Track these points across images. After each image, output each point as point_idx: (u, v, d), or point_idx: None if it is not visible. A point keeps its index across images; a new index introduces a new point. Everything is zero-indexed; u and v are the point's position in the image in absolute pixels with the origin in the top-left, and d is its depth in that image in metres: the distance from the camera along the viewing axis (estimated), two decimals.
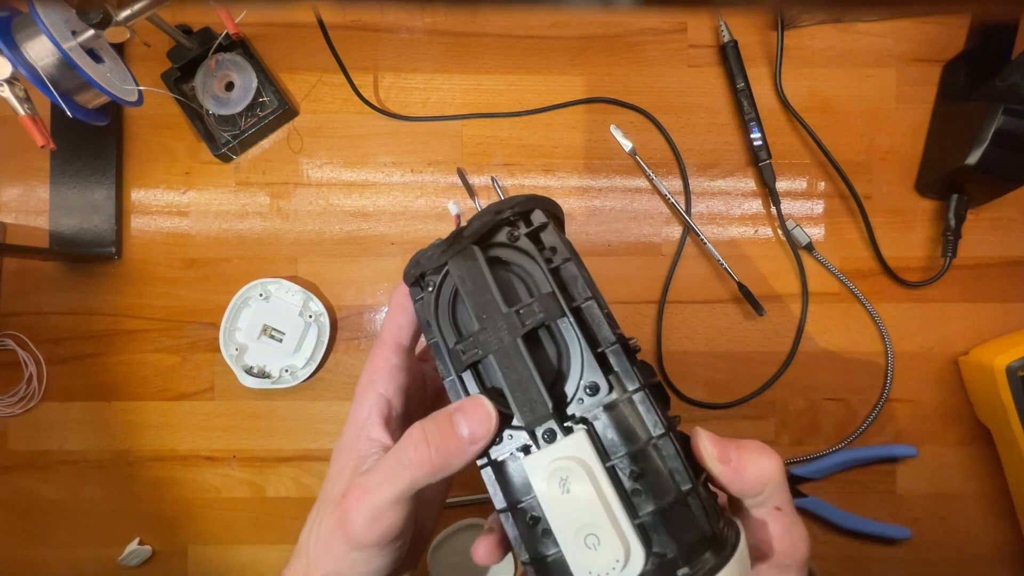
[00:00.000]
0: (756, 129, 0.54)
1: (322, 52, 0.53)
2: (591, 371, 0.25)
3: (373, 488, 0.26)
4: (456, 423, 0.26)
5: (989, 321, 0.55)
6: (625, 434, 0.25)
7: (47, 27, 0.38)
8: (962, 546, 0.55)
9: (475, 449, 0.26)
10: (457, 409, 0.26)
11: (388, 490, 0.26)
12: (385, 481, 0.26)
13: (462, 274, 0.27)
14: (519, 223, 0.28)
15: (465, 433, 0.26)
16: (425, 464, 0.26)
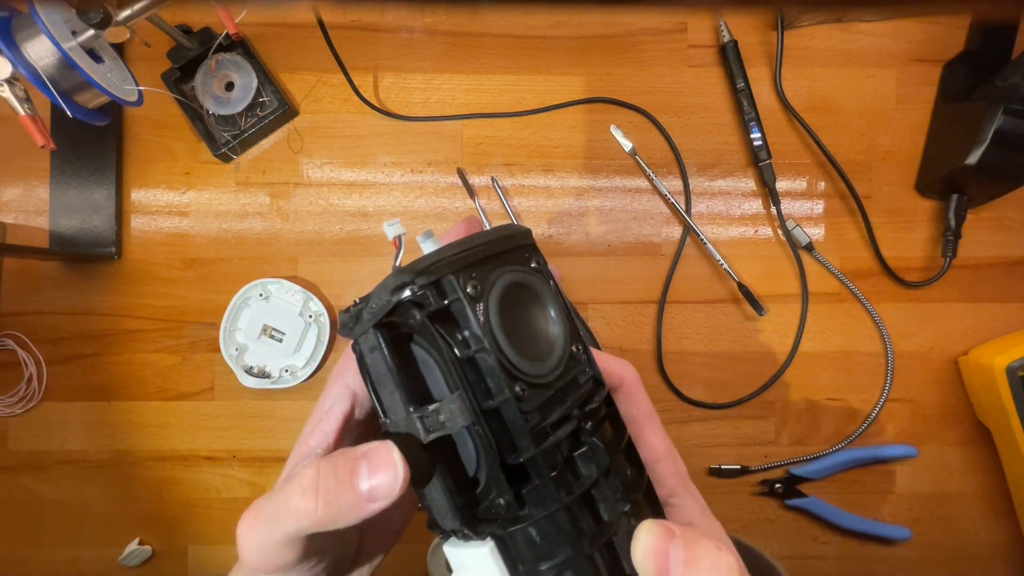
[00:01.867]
0: (756, 129, 0.54)
1: (322, 52, 0.53)
2: (498, 487, 0.22)
3: (263, 521, 0.23)
4: (357, 474, 0.21)
5: (989, 321, 0.55)
6: (539, 553, 0.22)
7: (47, 27, 0.38)
8: (962, 546, 0.55)
9: (374, 508, 0.21)
10: (363, 455, 0.22)
11: (275, 529, 0.22)
12: (272, 519, 0.22)
13: (369, 360, 0.24)
14: (428, 297, 0.22)
15: (365, 488, 0.21)
16: (310, 515, 0.21)
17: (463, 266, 0.23)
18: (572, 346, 0.25)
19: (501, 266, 0.24)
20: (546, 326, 0.25)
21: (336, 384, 0.27)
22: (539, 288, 0.25)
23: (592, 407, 0.24)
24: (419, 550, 0.53)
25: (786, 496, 0.54)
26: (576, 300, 0.55)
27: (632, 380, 0.29)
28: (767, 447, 0.55)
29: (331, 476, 0.22)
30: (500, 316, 0.23)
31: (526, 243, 0.26)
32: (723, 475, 0.55)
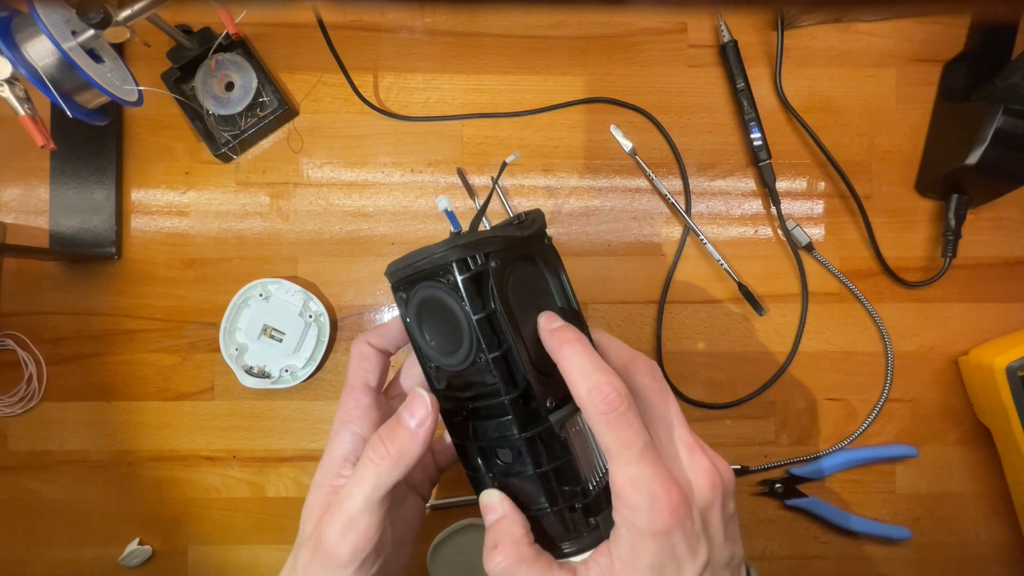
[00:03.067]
0: (756, 129, 0.54)
1: (322, 52, 0.53)
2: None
3: (343, 499, 0.29)
4: (403, 418, 0.30)
5: (989, 321, 0.55)
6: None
7: (47, 27, 0.38)
8: (962, 546, 0.55)
9: (423, 431, 0.29)
10: (403, 407, 0.30)
11: (357, 495, 0.28)
12: (354, 487, 0.29)
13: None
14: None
15: (412, 424, 0.29)
16: (385, 458, 0.29)
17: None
18: (477, 355, 0.30)
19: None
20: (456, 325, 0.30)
21: (344, 434, 0.32)
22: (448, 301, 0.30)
23: (486, 404, 0.30)
24: (419, 550, 0.53)
25: (786, 496, 0.54)
26: None
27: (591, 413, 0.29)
28: (767, 447, 0.55)
29: (387, 428, 0.30)
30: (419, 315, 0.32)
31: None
32: None
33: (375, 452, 0.29)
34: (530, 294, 0.31)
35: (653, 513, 0.27)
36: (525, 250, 0.32)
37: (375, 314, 0.55)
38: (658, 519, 0.27)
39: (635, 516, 0.28)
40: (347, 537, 0.28)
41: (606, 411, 0.28)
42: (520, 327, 0.30)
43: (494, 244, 0.30)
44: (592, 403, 0.28)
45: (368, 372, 0.34)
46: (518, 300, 0.30)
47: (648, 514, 0.27)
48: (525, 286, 0.31)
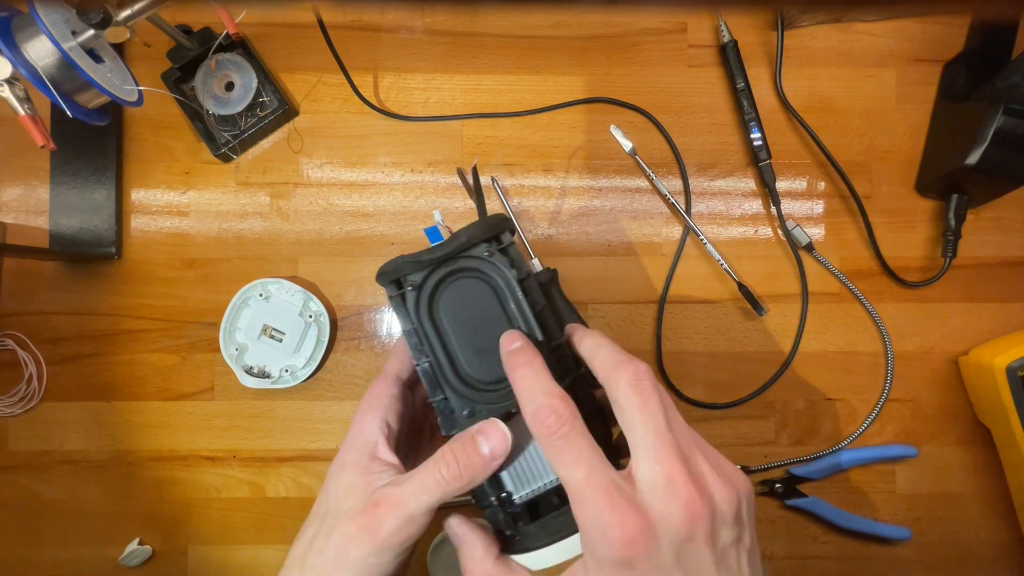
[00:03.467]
0: (756, 129, 0.54)
1: (322, 52, 0.53)
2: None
3: (409, 498, 0.30)
4: (479, 443, 0.30)
5: (989, 321, 0.55)
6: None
7: (47, 27, 0.38)
8: (962, 546, 0.55)
9: (495, 464, 0.31)
10: (478, 431, 0.31)
11: (424, 500, 0.30)
12: (421, 492, 0.30)
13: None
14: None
15: (486, 451, 0.30)
16: (456, 479, 0.30)
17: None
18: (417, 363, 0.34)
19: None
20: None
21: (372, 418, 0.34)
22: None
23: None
24: (419, 550, 0.53)
25: (786, 496, 0.54)
26: (576, 300, 0.55)
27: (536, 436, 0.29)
28: (767, 447, 0.55)
29: (462, 450, 0.30)
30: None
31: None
32: None
33: (447, 469, 0.30)
34: (471, 310, 0.34)
35: (605, 544, 0.26)
36: (453, 267, 0.34)
37: (375, 314, 0.55)
38: (612, 550, 0.26)
39: (591, 544, 0.27)
40: (403, 530, 0.30)
41: (547, 434, 0.28)
42: (449, 340, 0.33)
43: (408, 269, 0.34)
44: (533, 426, 0.29)
45: (404, 364, 0.37)
46: (454, 316, 0.34)
47: (601, 544, 0.26)
48: (465, 303, 0.34)
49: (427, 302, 0.34)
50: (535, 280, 0.34)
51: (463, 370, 0.33)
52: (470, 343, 0.33)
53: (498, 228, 0.35)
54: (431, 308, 0.34)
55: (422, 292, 0.34)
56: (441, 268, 0.34)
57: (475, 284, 0.34)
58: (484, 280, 0.34)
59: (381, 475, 0.32)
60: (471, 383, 0.33)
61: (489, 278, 0.34)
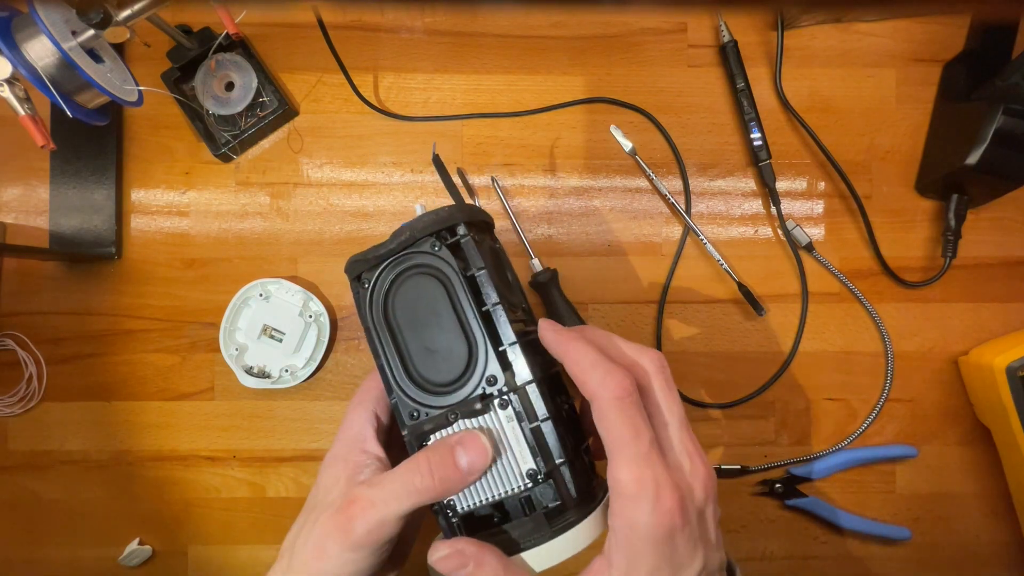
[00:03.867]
0: (756, 129, 0.54)
1: (322, 52, 0.53)
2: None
3: (380, 503, 0.30)
4: (457, 456, 0.30)
5: (989, 321, 0.55)
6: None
7: (47, 27, 0.38)
8: (962, 546, 0.55)
9: (472, 479, 0.30)
10: (458, 442, 0.30)
11: (394, 507, 0.30)
12: (392, 499, 0.30)
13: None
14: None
15: (464, 465, 0.30)
16: (429, 491, 0.30)
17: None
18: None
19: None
20: None
21: (361, 411, 0.34)
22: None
23: None
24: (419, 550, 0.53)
25: (786, 496, 0.54)
26: (576, 300, 0.55)
27: (603, 402, 0.29)
28: (767, 447, 0.55)
29: (439, 461, 0.30)
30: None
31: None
32: (723, 475, 0.55)
33: (420, 481, 0.30)
34: (423, 308, 0.33)
35: (657, 514, 0.27)
36: (406, 264, 0.33)
37: None
38: (662, 520, 0.27)
39: (637, 514, 0.27)
40: (375, 533, 0.30)
41: (621, 395, 0.28)
42: (400, 339, 0.33)
43: (359, 267, 0.34)
44: (605, 388, 0.29)
45: None
46: (406, 314, 0.33)
47: (651, 515, 0.27)
48: (417, 301, 0.33)
49: (381, 300, 0.33)
50: (488, 275, 0.32)
51: (414, 370, 0.32)
52: (422, 342, 0.32)
53: (449, 221, 0.34)
54: (385, 306, 0.33)
55: (375, 290, 0.33)
56: (391, 265, 0.33)
57: (427, 281, 0.33)
58: (436, 277, 0.33)
59: (365, 469, 0.33)
60: (421, 384, 0.32)
61: (440, 274, 0.33)
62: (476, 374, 0.31)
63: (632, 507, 0.27)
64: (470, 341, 0.32)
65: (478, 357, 0.31)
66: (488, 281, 0.32)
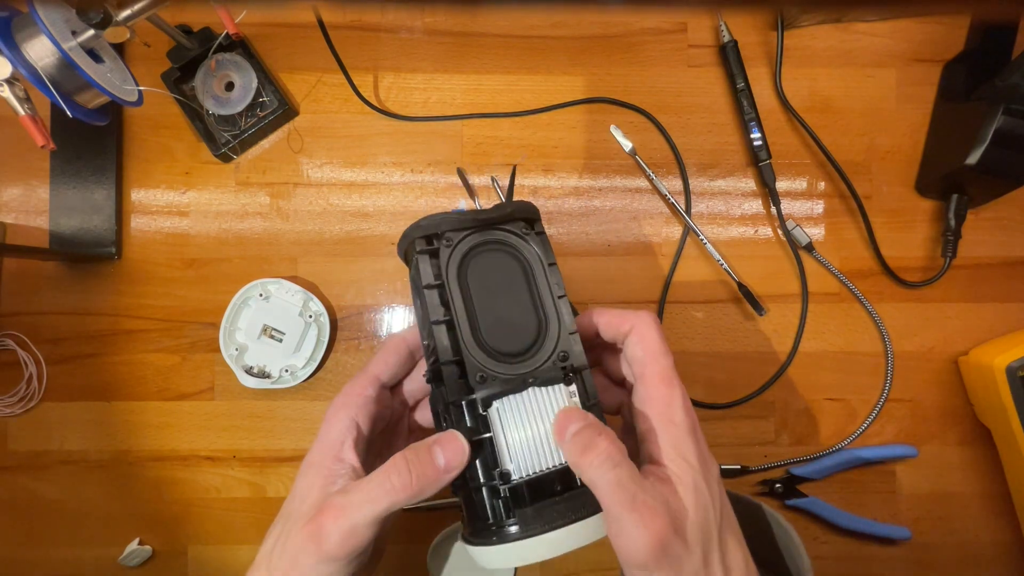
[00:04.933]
0: (756, 129, 0.54)
1: (322, 52, 0.53)
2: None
3: (353, 508, 0.29)
4: (434, 454, 0.30)
5: (989, 321, 0.55)
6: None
7: (47, 27, 0.38)
8: (962, 546, 0.55)
9: (449, 477, 0.30)
10: (435, 442, 0.30)
11: (368, 511, 0.29)
12: (366, 502, 0.29)
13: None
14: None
15: (441, 463, 0.30)
16: (406, 489, 0.29)
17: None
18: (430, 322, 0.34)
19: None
20: None
21: (341, 417, 0.33)
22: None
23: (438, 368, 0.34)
24: (419, 550, 0.53)
25: (786, 496, 0.54)
26: (576, 300, 0.55)
27: (642, 325, 0.33)
28: (767, 447, 0.55)
29: (416, 459, 0.30)
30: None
31: None
32: (723, 475, 0.55)
33: (398, 478, 0.29)
34: (499, 281, 0.34)
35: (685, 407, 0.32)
36: (489, 237, 0.35)
37: (375, 314, 0.55)
38: (689, 409, 0.32)
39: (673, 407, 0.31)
40: (348, 542, 0.29)
41: (654, 319, 0.34)
42: (472, 303, 0.33)
43: (449, 225, 0.34)
44: (640, 317, 0.34)
45: (387, 366, 0.36)
46: (481, 282, 0.34)
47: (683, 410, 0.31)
48: (493, 273, 0.34)
49: (458, 262, 0.34)
50: (558, 270, 0.35)
51: (482, 334, 0.33)
52: (493, 311, 0.33)
53: (534, 214, 0.37)
54: (460, 269, 0.34)
55: (455, 250, 0.34)
56: (480, 233, 0.34)
57: (506, 258, 0.35)
58: (515, 256, 0.35)
59: (339, 479, 0.32)
60: (487, 349, 0.32)
61: (520, 256, 0.35)
62: (546, 349, 0.33)
63: (668, 401, 0.31)
64: (540, 319, 0.33)
65: (547, 335, 0.33)
66: (560, 275, 0.35)
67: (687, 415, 0.31)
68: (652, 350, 0.32)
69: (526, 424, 0.31)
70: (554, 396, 0.32)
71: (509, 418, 0.31)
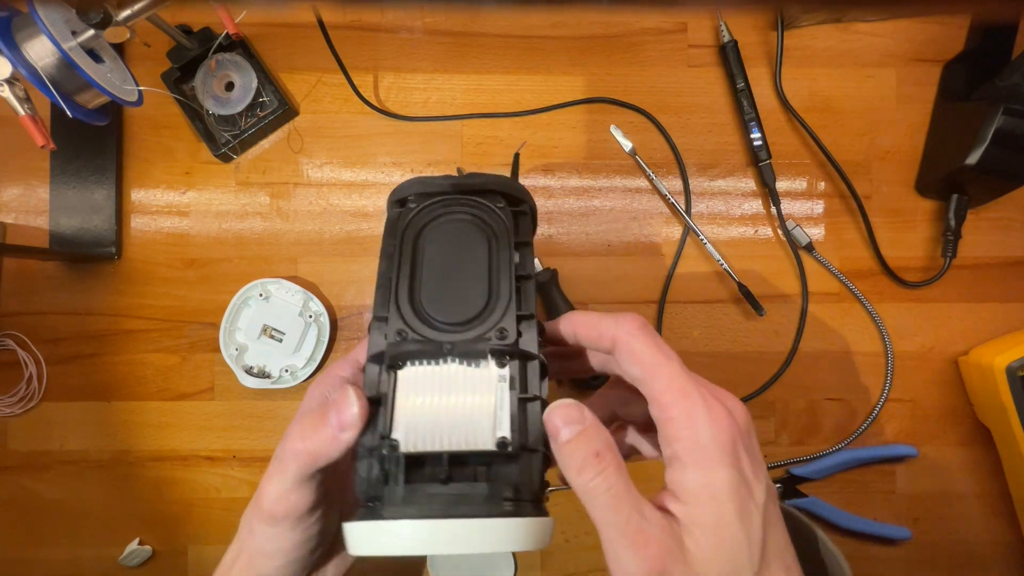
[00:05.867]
0: (756, 129, 0.54)
1: (322, 52, 0.53)
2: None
3: (276, 472, 0.29)
4: (328, 416, 0.28)
5: (989, 321, 0.55)
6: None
7: (47, 27, 0.38)
8: (962, 546, 0.55)
9: (346, 437, 0.27)
10: (332, 404, 0.28)
11: (287, 473, 0.28)
12: (283, 465, 0.28)
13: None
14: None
15: (333, 421, 0.27)
16: (303, 455, 0.28)
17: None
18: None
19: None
20: None
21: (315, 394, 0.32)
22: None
23: None
24: None
25: (786, 496, 0.54)
26: (576, 300, 0.55)
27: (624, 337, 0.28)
28: (767, 447, 0.55)
29: (311, 423, 0.28)
30: None
31: None
32: None
33: (292, 444, 0.28)
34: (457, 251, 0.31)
35: (714, 422, 0.25)
36: (460, 205, 0.32)
37: None
38: (722, 427, 0.25)
39: (697, 426, 0.25)
40: (280, 504, 0.28)
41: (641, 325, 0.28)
42: (420, 264, 0.31)
43: (418, 187, 0.33)
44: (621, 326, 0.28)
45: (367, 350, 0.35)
46: (438, 246, 0.31)
47: (709, 425, 0.25)
48: (454, 241, 0.32)
49: (419, 225, 0.32)
50: (532, 254, 0.32)
51: (419, 297, 0.30)
52: (439, 278, 0.31)
53: (516, 192, 0.34)
54: (420, 232, 0.32)
55: (419, 214, 0.32)
56: (450, 200, 0.32)
57: (470, 229, 0.32)
58: (481, 229, 0.32)
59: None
60: (421, 312, 0.30)
61: (488, 229, 0.32)
62: (485, 325, 0.29)
63: (688, 420, 0.25)
64: (491, 294, 0.30)
65: (494, 312, 0.30)
66: (531, 256, 0.32)
67: (717, 427, 0.25)
68: (648, 362, 0.27)
69: (430, 395, 0.27)
70: (476, 375, 0.28)
71: (414, 383, 0.28)
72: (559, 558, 0.55)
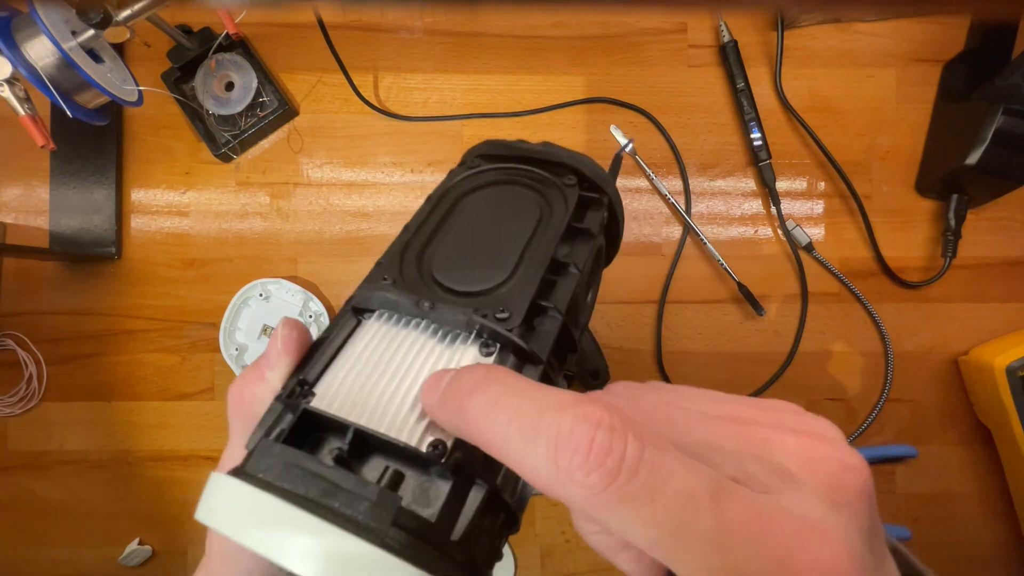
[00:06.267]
0: (756, 129, 0.54)
1: (322, 52, 0.53)
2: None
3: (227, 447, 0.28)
4: (274, 337, 0.24)
5: (989, 321, 0.55)
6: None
7: (47, 27, 0.38)
8: (962, 546, 0.55)
9: (273, 376, 0.24)
10: (271, 338, 0.25)
11: (234, 437, 0.27)
12: (230, 432, 0.27)
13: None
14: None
15: (279, 345, 0.24)
16: (234, 405, 0.27)
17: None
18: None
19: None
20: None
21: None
22: None
23: None
24: None
25: None
26: None
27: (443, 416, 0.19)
28: None
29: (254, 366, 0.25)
30: None
31: None
32: None
33: (229, 396, 0.27)
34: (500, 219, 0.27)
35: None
36: (527, 175, 0.29)
37: None
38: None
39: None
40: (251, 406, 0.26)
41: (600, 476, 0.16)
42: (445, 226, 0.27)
43: (485, 149, 0.30)
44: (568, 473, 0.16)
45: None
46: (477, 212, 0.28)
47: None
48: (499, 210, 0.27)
49: (468, 188, 0.28)
50: (593, 249, 0.27)
51: (429, 256, 0.26)
52: (464, 242, 0.26)
53: (602, 181, 0.29)
54: (467, 194, 0.28)
55: (473, 176, 0.29)
56: (518, 167, 0.29)
57: (525, 203, 0.27)
58: (537, 205, 0.27)
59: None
60: (424, 270, 0.25)
61: (545, 208, 0.27)
62: (488, 301, 0.23)
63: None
64: (515, 273, 0.24)
65: (507, 291, 0.24)
66: (590, 251, 0.26)
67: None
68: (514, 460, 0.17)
69: (379, 356, 0.22)
70: (447, 354, 0.22)
71: (370, 338, 0.23)
72: (559, 557, 0.55)
